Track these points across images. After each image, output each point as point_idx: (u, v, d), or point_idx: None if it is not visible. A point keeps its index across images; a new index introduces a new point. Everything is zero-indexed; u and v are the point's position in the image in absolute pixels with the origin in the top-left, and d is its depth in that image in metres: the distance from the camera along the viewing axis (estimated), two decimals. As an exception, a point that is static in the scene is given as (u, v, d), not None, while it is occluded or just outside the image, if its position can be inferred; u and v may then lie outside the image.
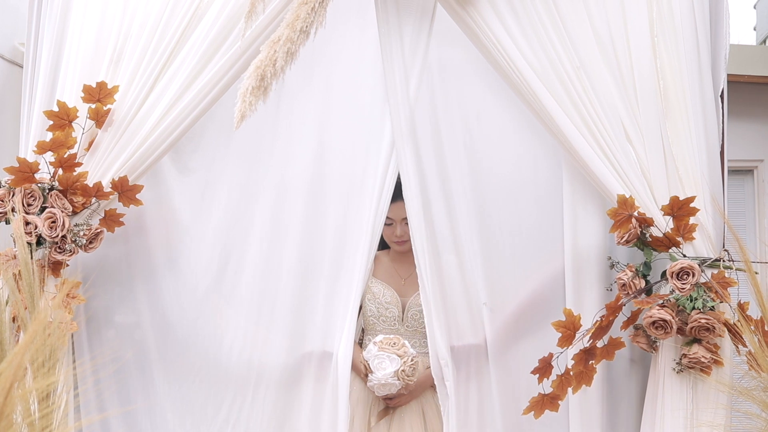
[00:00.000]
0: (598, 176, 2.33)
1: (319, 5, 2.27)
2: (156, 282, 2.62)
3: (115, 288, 2.59)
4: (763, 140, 5.64)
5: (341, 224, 2.65)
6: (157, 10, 2.47)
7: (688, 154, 2.32)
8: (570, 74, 2.36)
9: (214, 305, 2.63)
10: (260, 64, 2.19)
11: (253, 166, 2.70)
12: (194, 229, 2.66)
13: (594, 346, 2.29)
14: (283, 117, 2.72)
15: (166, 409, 2.58)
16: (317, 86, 2.72)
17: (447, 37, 2.59)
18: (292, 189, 2.68)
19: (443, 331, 2.47)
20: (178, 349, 2.60)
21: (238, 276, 2.64)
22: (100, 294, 2.53)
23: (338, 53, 2.72)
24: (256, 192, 2.69)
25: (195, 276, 2.63)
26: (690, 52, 2.34)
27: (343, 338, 2.56)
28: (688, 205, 2.23)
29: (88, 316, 2.51)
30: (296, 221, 2.66)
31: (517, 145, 2.66)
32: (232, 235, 2.66)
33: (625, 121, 2.35)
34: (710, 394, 2.20)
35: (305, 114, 2.71)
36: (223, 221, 2.67)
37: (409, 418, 2.64)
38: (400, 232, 2.80)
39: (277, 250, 2.65)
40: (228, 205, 2.68)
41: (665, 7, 2.36)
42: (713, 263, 2.25)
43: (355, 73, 2.73)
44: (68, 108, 2.35)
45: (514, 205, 2.61)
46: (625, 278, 2.27)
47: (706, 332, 2.17)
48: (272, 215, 2.67)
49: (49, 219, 2.27)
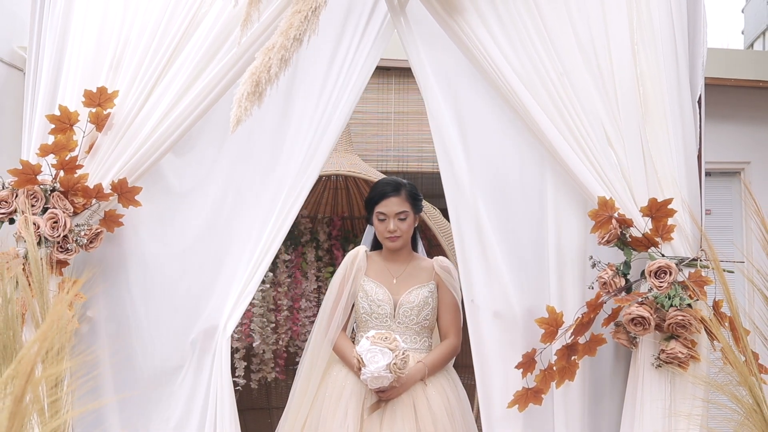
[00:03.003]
0: (580, 178, 2.42)
1: (311, 14, 2.36)
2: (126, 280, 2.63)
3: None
4: (749, 142, 5.74)
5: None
6: (156, 18, 2.55)
7: (667, 158, 2.41)
8: (554, 80, 2.46)
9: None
10: (255, 70, 2.27)
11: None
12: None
13: (576, 342, 2.38)
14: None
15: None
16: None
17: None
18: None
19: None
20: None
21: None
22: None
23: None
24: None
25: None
26: (669, 60, 2.44)
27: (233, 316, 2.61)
28: (665, 207, 2.32)
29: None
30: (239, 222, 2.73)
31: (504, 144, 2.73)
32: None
33: (606, 126, 2.44)
34: (687, 388, 2.28)
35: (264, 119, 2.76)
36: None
37: (401, 411, 2.72)
38: (393, 227, 2.89)
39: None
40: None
41: (645, 16, 2.45)
42: (690, 263, 2.34)
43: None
44: (69, 112, 2.43)
45: (503, 201, 2.68)
46: (606, 277, 2.36)
47: (682, 329, 2.26)
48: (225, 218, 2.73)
49: (51, 219, 2.34)
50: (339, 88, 2.77)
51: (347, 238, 4.57)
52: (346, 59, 2.80)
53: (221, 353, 2.57)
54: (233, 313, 2.62)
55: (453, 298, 2.93)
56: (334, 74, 2.79)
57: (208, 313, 2.63)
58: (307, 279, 4.40)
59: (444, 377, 2.87)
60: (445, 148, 2.64)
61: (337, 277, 2.98)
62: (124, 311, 2.59)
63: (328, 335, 2.90)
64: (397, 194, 2.93)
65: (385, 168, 5.67)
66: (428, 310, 2.89)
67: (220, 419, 2.52)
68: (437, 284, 2.94)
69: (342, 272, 2.97)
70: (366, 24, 2.83)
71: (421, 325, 2.88)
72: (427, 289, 2.91)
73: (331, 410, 2.78)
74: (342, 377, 2.84)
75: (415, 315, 2.87)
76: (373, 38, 2.83)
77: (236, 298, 2.63)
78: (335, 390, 2.82)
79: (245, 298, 2.64)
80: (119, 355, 2.53)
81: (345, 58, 2.80)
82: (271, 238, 2.67)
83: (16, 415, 0.92)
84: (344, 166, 3.93)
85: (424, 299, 2.88)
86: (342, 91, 2.78)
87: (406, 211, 2.92)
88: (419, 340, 2.88)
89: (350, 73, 2.79)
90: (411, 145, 5.91)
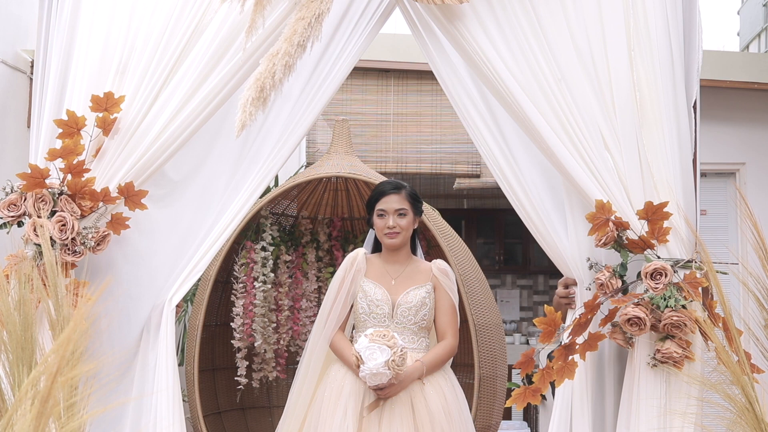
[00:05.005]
0: (578, 182, 2.47)
1: (314, 20, 2.41)
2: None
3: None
4: (745, 144, 5.81)
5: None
6: (161, 24, 2.59)
7: (663, 162, 2.46)
8: (552, 85, 2.51)
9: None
10: (260, 76, 2.32)
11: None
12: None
13: (573, 342, 2.43)
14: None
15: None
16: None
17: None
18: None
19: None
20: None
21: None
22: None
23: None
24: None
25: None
26: (665, 66, 2.49)
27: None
28: (661, 210, 2.37)
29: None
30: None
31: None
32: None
33: (603, 130, 2.50)
34: (682, 387, 2.33)
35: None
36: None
37: (399, 409, 2.77)
38: (392, 223, 2.94)
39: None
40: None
41: (642, 22, 2.51)
42: (685, 264, 2.39)
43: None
44: (77, 117, 2.47)
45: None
46: (603, 278, 2.41)
47: (677, 329, 2.31)
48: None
49: (60, 222, 2.39)
50: (312, 93, 2.80)
51: (347, 239, 4.62)
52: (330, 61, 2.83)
53: (166, 324, 2.62)
54: (181, 287, 2.68)
55: (450, 300, 2.99)
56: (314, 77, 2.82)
57: (165, 290, 2.71)
58: (307, 279, 4.45)
59: (442, 376, 2.92)
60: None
61: (336, 277, 3.03)
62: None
63: (327, 334, 2.95)
64: (397, 193, 2.98)
65: (383, 169, 5.72)
66: (425, 310, 2.94)
67: (159, 385, 2.56)
68: (434, 286, 3.00)
69: (342, 273, 3.02)
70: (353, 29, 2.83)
71: (419, 326, 2.93)
72: (425, 290, 2.96)
73: (331, 409, 2.83)
74: (341, 376, 2.89)
75: (412, 315, 2.92)
76: (355, 42, 2.82)
77: (187, 274, 2.70)
78: (334, 389, 2.87)
79: (194, 274, 2.70)
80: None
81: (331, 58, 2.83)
82: (225, 224, 2.73)
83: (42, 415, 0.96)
84: (344, 168, 3.97)
85: (422, 300, 2.93)
86: (313, 98, 2.80)
87: (405, 209, 2.97)
88: (417, 340, 2.93)
89: (327, 78, 2.83)
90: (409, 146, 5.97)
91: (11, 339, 1.36)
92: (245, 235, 4.21)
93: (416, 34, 2.75)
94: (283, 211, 4.49)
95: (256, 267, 4.20)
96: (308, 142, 6.05)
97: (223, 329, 4.31)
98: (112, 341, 2.58)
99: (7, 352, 1.36)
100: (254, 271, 4.20)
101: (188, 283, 2.69)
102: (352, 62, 2.80)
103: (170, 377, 2.55)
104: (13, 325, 1.37)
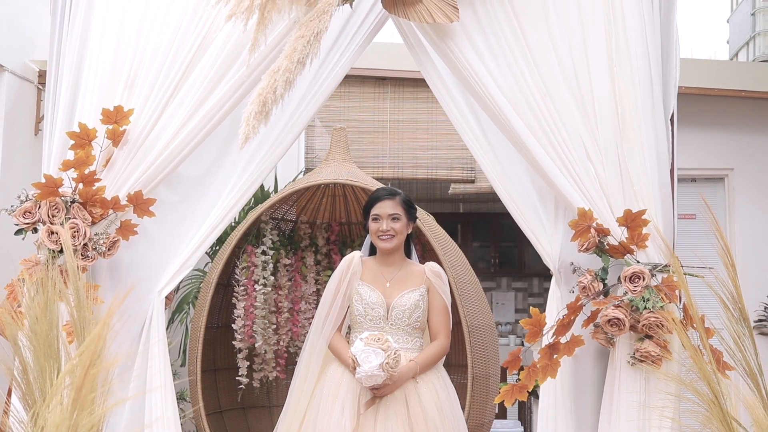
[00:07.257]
0: (562, 190, 2.62)
1: (313, 38, 2.54)
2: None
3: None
4: (733, 149, 5.94)
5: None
6: (168, 40, 2.73)
7: (642, 171, 2.61)
8: (537, 99, 2.65)
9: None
10: (262, 91, 2.46)
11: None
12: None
13: (557, 341, 2.57)
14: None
15: None
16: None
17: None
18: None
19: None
20: None
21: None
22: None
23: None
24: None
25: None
26: (644, 81, 2.64)
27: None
28: (639, 217, 2.51)
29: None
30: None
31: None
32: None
33: (585, 142, 2.64)
34: (660, 384, 2.48)
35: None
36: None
37: (394, 406, 2.90)
38: (385, 227, 3.06)
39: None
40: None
41: (622, 40, 2.65)
42: (663, 268, 2.53)
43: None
44: (88, 129, 2.61)
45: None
46: (585, 281, 2.55)
47: (655, 330, 2.45)
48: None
49: (72, 229, 2.53)
50: (306, 103, 3.00)
51: (345, 243, 4.73)
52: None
53: (158, 315, 2.81)
54: (172, 280, 2.87)
55: (443, 301, 3.10)
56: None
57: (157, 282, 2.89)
58: (306, 282, 4.56)
59: (434, 375, 3.04)
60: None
61: (333, 280, 3.14)
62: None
63: (324, 335, 3.06)
64: (391, 198, 3.10)
65: (380, 175, 5.84)
66: (419, 312, 3.06)
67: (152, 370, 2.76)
68: (428, 288, 3.11)
69: (338, 276, 3.13)
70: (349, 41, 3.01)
71: (413, 327, 3.05)
72: (418, 292, 3.08)
73: (329, 406, 2.95)
74: (338, 375, 3.01)
75: (407, 317, 3.04)
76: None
77: (177, 268, 2.88)
78: (332, 387, 2.99)
79: (185, 269, 2.90)
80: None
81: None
82: (218, 220, 2.93)
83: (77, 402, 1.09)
84: (342, 174, 4.09)
85: (416, 302, 3.05)
86: (306, 108, 3.01)
87: (399, 214, 3.09)
88: (411, 341, 3.05)
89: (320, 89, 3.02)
90: (406, 153, 6.10)
91: (38, 337, 1.50)
92: (246, 239, 4.32)
93: (409, 46, 2.92)
94: (283, 216, 4.60)
95: (256, 270, 4.31)
96: (307, 148, 6.17)
97: (225, 331, 4.42)
98: (119, 339, 2.73)
99: (35, 347, 1.50)
100: (255, 274, 4.31)
101: (178, 276, 2.88)
102: (342, 73, 2.99)
103: (162, 369, 2.77)
104: (41, 323, 1.51)
